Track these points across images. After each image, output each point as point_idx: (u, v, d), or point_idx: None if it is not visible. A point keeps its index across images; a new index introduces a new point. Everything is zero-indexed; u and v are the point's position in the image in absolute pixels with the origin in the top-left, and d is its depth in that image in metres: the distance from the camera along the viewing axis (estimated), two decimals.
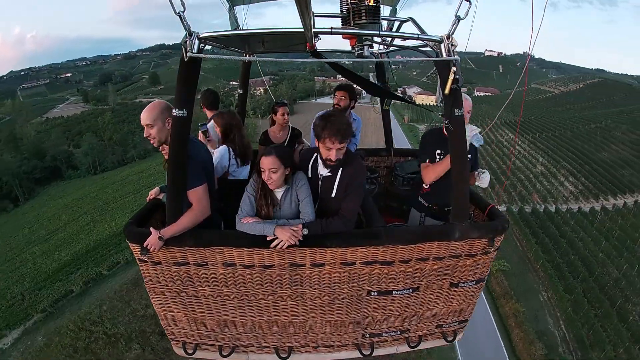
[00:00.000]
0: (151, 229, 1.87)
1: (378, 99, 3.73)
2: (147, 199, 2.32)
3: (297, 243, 1.86)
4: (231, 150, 2.85)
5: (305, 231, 1.87)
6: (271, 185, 1.97)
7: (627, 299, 19.65)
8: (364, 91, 3.52)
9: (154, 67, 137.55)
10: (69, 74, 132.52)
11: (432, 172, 2.45)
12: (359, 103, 3.55)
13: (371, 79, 2.89)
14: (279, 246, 1.85)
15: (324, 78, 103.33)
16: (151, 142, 2.07)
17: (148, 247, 1.87)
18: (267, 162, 1.92)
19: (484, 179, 2.52)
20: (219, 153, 2.81)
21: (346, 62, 2.42)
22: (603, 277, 21.40)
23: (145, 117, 2.00)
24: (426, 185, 2.59)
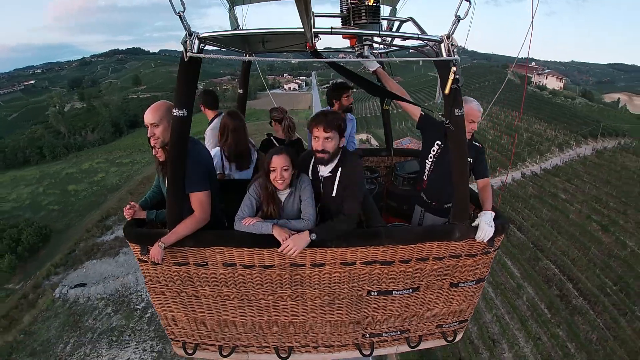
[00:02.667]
0: (149, 246, 1.88)
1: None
2: (127, 215, 2.05)
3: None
4: (224, 152, 2.78)
5: (314, 236, 1.85)
6: (281, 185, 1.95)
7: None
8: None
9: (113, 72, 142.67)
10: (32, 81, 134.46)
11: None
12: (300, 91, 3.53)
13: None
14: (289, 253, 1.82)
15: (274, 76, 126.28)
16: (152, 143, 1.99)
17: (153, 261, 1.89)
18: (280, 161, 1.91)
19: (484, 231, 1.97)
20: (212, 155, 2.78)
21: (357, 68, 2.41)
22: None
23: (150, 116, 1.94)
24: (425, 178, 2.58)
